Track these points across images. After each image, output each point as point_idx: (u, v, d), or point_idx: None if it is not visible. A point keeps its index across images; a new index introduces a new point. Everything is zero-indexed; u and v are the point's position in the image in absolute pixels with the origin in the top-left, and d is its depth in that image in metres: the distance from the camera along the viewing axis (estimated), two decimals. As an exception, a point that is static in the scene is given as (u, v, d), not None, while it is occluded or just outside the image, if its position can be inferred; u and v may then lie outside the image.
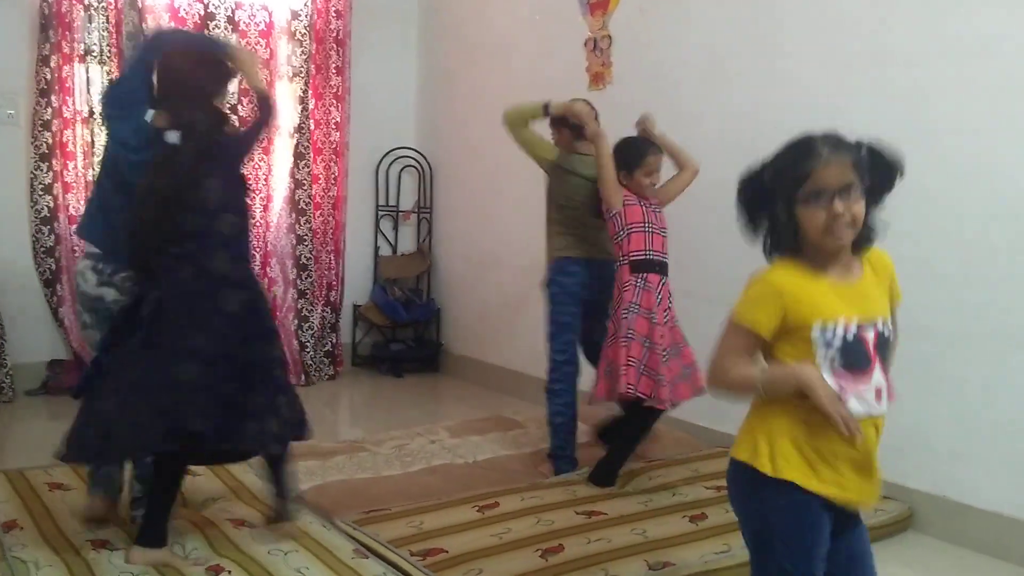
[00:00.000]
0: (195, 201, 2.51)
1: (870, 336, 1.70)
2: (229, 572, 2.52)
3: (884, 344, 1.73)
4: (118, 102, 2.71)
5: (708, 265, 3.91)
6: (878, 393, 1.71)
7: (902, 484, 3.28)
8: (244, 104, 5.12)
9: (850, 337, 1.68)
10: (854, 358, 1.68)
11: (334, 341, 5.70)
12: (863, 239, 1.74)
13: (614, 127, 3.43)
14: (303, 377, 5.42)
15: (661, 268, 3.30)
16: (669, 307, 3.31)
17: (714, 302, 3.22)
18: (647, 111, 3.49)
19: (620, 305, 3.24)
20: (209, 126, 2.58)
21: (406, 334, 6.02)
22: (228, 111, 2.76)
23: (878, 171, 1.71)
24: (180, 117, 2.54)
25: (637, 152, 3.35)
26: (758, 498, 1.79)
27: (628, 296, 3.24)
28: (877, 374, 1.71)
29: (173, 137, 2.51)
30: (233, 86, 2.81)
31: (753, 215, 1.78)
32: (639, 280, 3.25)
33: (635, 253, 3.27)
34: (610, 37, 4.56)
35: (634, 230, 3.27)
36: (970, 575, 2.95)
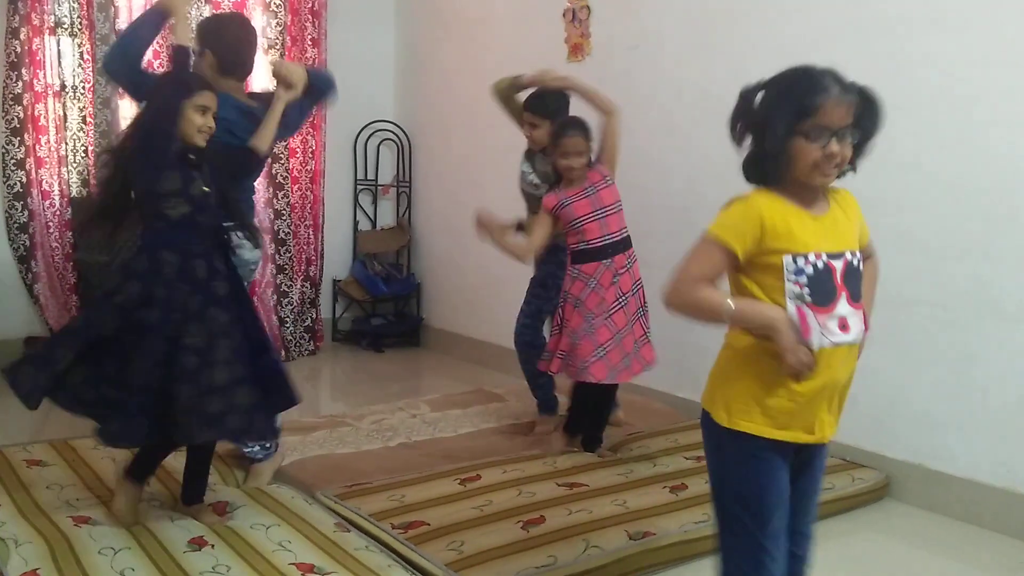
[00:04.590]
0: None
1: (839, 265, 1.69)
2: (212, 545, 2.52)
3: (852, 274, 1.71)
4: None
5: (686, 234, 3.91)
6: (843, 324, 1.69)
7: (880, 453, 3.32)
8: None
9: (820, 266, 1.67)
10: (821, 290, 1.67)
11: (314, 316, 5.67)
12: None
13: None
14: (283, 352, 5.40)
15: (624, 244, 3.30)
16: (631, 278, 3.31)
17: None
18: (542, 69, 3.47)
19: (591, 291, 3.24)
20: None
21: (386, 309, 6.01)
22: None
23: (865, 117, 1.69)
24: None
25: (552, 135, 3.30)
26: (716, 447, 1.82)
27: (579, 287, 3.24)
28: (842, 304, 1.69)
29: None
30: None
31: (741, 135, 1.74)
32: (601, 267, 3.23)
33: (593, 241, 3.23)
34: (588, 7, 4.53)
35: (586, 221, 3.22)
36: (947, 542, 2.99)
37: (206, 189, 2.54)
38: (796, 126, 1.64)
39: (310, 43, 5.48)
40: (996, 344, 3.04)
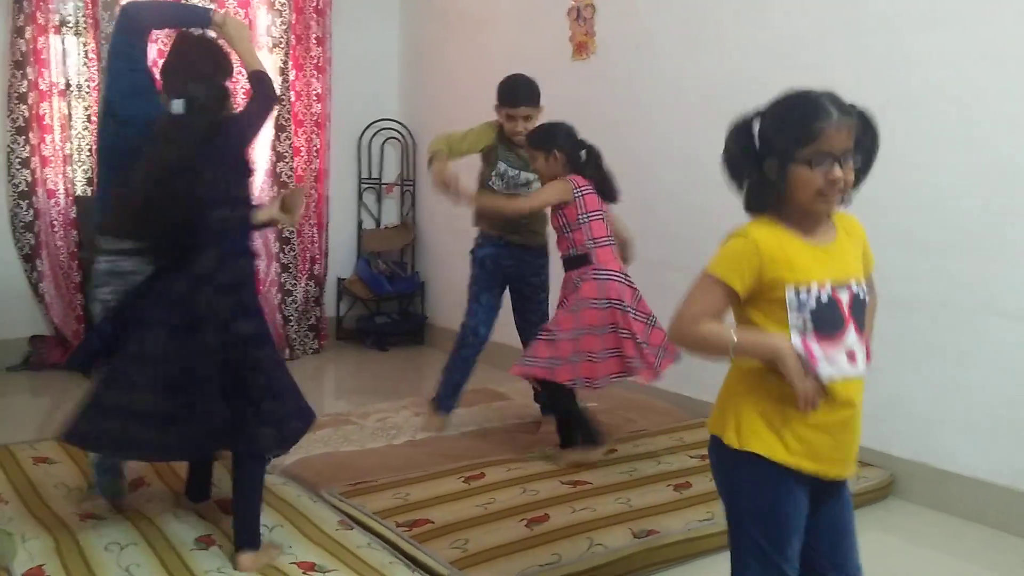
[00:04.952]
0: (188, 190, 2.37)
1: (845, 298, 1.65)
2: (220, 546, 2.52)
3: (858, 306, 1.67)
4: (125, 57, 2.66)
5: (687, 233, 3.91)
6: (851, 355, 1.65)
7: (883, 451, 3.32)
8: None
9: (824, 299, 1.64)
10: (827, 321, 1.63)
11: (318, 315, 5.68)
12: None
13: (599, 98, 3.42)
14: (288, 351, 5.41)
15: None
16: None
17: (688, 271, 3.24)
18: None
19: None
20: (211, 101, 2.47)
21: (390, 307, 6.01)
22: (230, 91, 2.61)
23: (864, 138, 1.65)
24: (182, 90, 2.44)
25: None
26: (729, 471, 1.76)
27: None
28: (850, 336, 1.65)
29: (178, 107, 2.42)
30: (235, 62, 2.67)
31: (737, 166, 1.70)
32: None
33: (600, 240, 3.22)
34: (593, 6, 4.53)
35: (593, 217, 3.22)
36: (952, 540, 2.99)
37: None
38: (797, 153, 1.60)
39: (315, 42, 5.49)
40: (998, 342, 3.03)
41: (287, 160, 5.41)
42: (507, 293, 3.78)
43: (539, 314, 3.71)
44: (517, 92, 3.54)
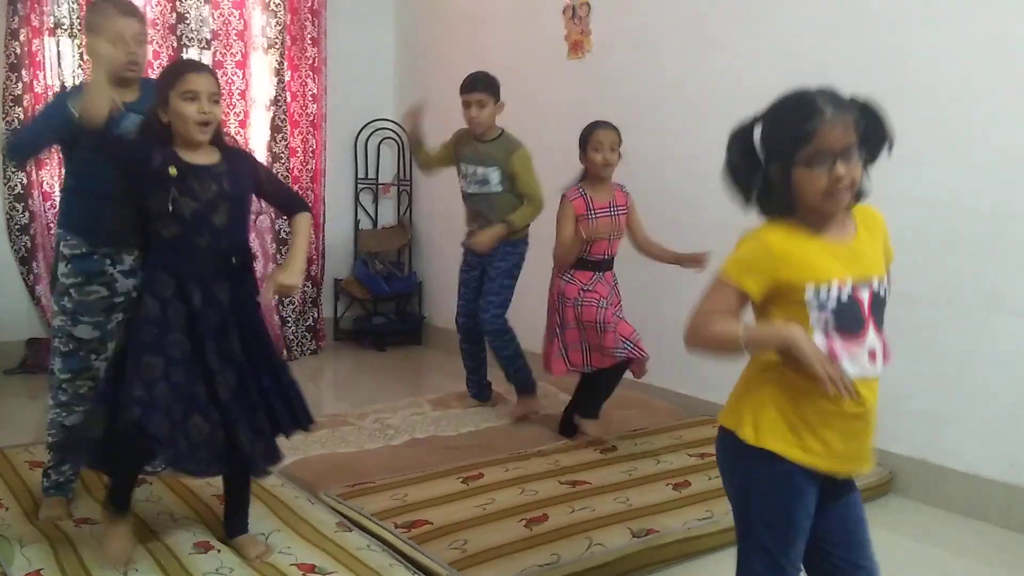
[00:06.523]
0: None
1: (865, 297, 1.63)
2: (219, 551, 2.51)
3: (879, 304, 1.65)
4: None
5: (685, 232, 3.91)
6: (872, 354, 1.64)
7: (883, 448, 3.30)
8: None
9: (844, 298, 1.60)
10: (848, 320, 1.61)
11: (316, 316, 5.67)
12: (854, 197, 1.67)
13: (595, 98, 3.41)
14: (285, 353, 5.40)
15: (611, 264, 3.51)
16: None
17: (686, 270, 3.22)
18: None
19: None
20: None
21: (388, 307, 6.00)
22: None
23: (870, 129, 1.63)
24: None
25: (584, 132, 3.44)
26: (741, 467, 1.74)
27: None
28: (871, 335, 1.64)
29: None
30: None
31: (742, 175, 1.67)
32: (595, 277, 3.42)
33: (595, 256, 3.42)
34: (588, 5, 4.52)
35: (601, 238, 3.41)
36: (951, 537, 2.99)
37: (185, 210, 2.28)
38: (795, 155, 1.58)
39: (310, 42, 5.48)
40: (1000, 339, 3.03)
41: (283, 161, 5.40)
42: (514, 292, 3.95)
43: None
44: (473, 78, 3.84)
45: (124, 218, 2.44)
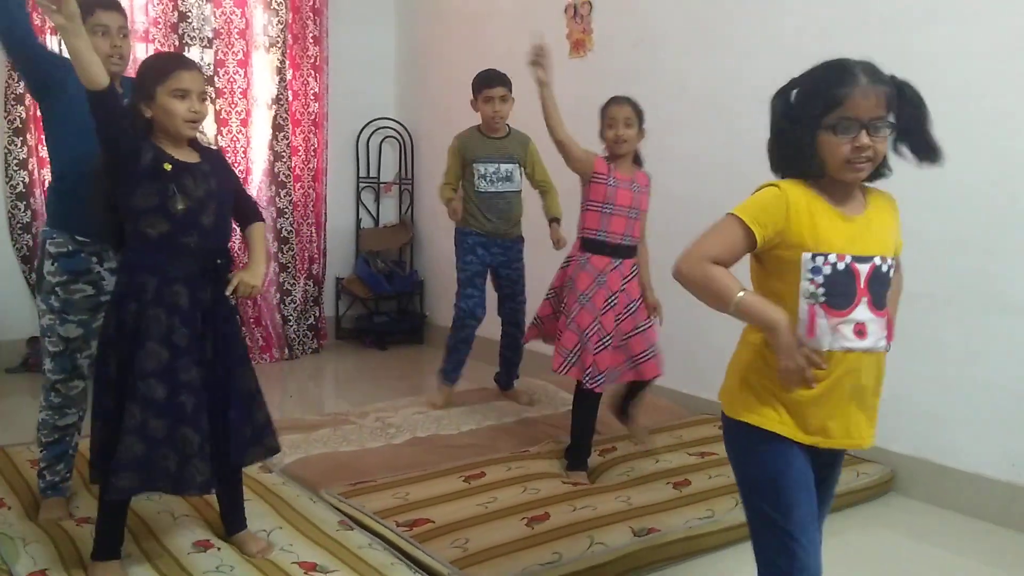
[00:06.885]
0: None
1: (863, 269, 1.63)
2: (219, 549, 2.52)
3: (878, 280, 1.65)
4: None
5: (685, 232, 3.90)
6: (860, 330, 1.64)
7: (884, 447, 3.31)
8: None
9: (841, 267, 1.62)
10: (840, 291, 1.62)
11: (317, 314, 5.68)
12: (874, 174, 1.69)
13: (596, 96, 3.40)
14: (287, 351, 5.41)
15: (633, 251, 3.28)
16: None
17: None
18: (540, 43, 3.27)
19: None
20: None
21: (389, 306, 6.01)
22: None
23: (905, 111, 1.64)
24: None
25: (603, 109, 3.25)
26: (733, 441, 1.78)
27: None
28: (861, 309, 1.63)
29: None
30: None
31: (783, 134, 1.67)
32: (611, 264, 3.19)
33: (613, 235, 3.19)
34: (590, 3, 4.52)
35: (618, 212, 3.20)
36: (952, 536, 2.99)
37: (181, 207, 2.24)
38: (824, 119, 1.60)
39: (311, 41, 5.48)
40: (1001, 338, 3.03)
41: (285, 160, 5.40)
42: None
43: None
44: (494, 74, 3.83)
45: (110, 216, 2.40)
